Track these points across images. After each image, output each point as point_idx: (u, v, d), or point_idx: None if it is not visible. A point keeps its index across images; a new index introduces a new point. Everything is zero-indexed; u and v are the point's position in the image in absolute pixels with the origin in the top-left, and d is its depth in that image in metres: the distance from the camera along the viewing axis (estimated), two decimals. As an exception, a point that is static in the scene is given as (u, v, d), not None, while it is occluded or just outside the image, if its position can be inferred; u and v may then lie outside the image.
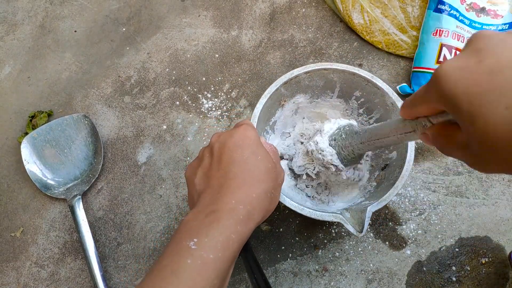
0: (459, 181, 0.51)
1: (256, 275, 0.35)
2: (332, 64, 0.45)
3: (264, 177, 0.32)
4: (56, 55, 0.63)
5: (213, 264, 0.26)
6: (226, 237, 0.27)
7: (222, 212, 0.29)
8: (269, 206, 0.33)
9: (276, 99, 0.47)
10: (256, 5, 0.64)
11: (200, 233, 0.27)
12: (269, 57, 0.60)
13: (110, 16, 0.65)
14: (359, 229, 0.36)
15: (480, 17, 0.54)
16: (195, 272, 0.25)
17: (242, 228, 0.29)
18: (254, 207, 0.30)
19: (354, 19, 0.58)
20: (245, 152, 0.32)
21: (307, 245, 0.49)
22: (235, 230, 0.28)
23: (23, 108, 0.59)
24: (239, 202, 0.30)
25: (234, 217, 0.29)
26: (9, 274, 0.50)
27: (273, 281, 0.47)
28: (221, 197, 0.30)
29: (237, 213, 0.29)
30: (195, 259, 0.26)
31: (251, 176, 0.31)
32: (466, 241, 0.48)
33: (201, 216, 0.29)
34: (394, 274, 0.47)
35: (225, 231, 0.28)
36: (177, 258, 0.26)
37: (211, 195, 0.31)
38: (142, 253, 0.50)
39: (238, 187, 0.31)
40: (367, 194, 0.45)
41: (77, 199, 0.51)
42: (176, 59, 0.61)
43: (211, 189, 0.31)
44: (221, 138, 0.34)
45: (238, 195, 0.30)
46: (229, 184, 0.31)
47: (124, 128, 0.57)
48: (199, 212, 0.29)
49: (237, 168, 0.32)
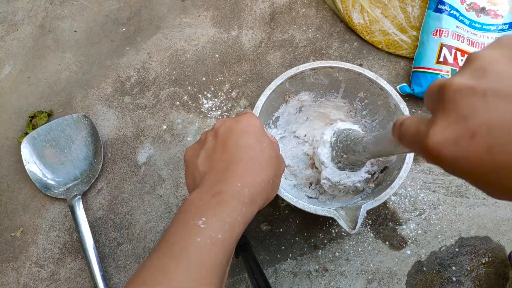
0: (459, 181, 0.51)
1: (256, 275, 0.35)
2: (337, 63, 0.45)
3: (268, 164, 0.32)
4: (56, 55, 0.63)
5: (221, 244, 0.26)
6: (233, 219, 0.28)
7: (228, 193, 0.29)
8: (270, 193, 0.33)
9: (281, 93, 0.47)
10: (256, 5, 0.64)
11: (208, 213, 0.27)
12: (269, 57, 0.60)
13: (110, 16, 0.65)
14: (352, 226, 0.36)
15: (480, 17, 0.54)
16: (205, 251, 0.25)
17: (247, 211, 0.29)
18: (258, 191, 0.31)
19: (354, 19, 0.58)
20: (250, 139, 0.33)
21: (307, 245, 0.49)
22: (240, 212, 0.29)
23: (23, 108, 0.59)
24: (244, 185, 0.30)
25: (240, 199, 0.29)
26: (9, 274, 0.50)
27: (273, 281, 0.47)
28: (226, 179, 0.30)
29: (243, 195, 0.29)
30: (204, 237, 0.26)
31: (256, 162, 0.32)
32: (466, 241, 0.48)
33: (206, 196, 0.29)
34: (394, 274, 0.47)
35: (232, 213, 0.28)
36: (186, 236, 0.26)
37: (216, 176, 0.31)
38: (142, 253, 0.50)
39: (244, 171, 0.31)
40: (364, 195, 0.45)
41: (77, 199, 0.51)
42: (176, 59, 0.61)
43: (216, 171, 0.32)
44: (226, 123, 0.34)
45: (244, 179, 0.30)
46: (234, 168, 0.31)
47: (124, 128, 0.57)
48: (204, 193, 0.30)
49: (243, 153, 0.32)
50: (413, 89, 0.53)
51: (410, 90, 0.53)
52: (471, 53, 0.21)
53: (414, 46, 0.57)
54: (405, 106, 0.43)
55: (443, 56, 0.52)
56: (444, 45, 0.53)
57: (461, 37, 0.53)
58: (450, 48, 0.52)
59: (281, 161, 0.35)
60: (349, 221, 0.37)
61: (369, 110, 0.48)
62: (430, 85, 0.22)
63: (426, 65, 0.53)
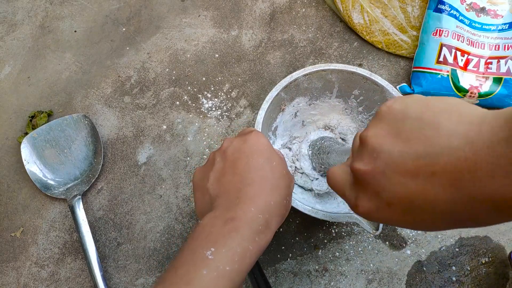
0: (459, 181, 0.51)
1: (256, 275, 0.35)
2: (330, 65, 0.45)
3: (280, 184, 0.31)
4: (56, 55, 0.63)
5: (229, 276, 0.25)
6: (243, 249, 0.27)
7: (241, 221, 0.28)
8: (284, 214, 0.32)
9: (277, 104, 0.47)
10: (256, 5, 0.64)
11: (218, 243, 0.26)
12: (269, 57, 0.60)
13: (110, 16, 0.65)
14: (374, 227, 0.36)
15: (480, 17, 0.54)
16: (211, 284, 0.25)
17: (260, 240, 0.28)
18: (271, 215, 0.30)
19: (354, 19, 0.58)
20: (260, 158, 0.32)
21: (307, 245, 0.49)
22: (253, 241, 0.27)
23: (23, 108, 0.59)
24: (258, 211, 0.29)
25: (253, 227, 0.28)
26: (9, 274, 0.50)
27: (273, 281, 0.47)
28: (239, 204, 0.29)
29: (256, 222, 0.28)
30: (211, 270, 0.25)
31: (268, 183, 0.31)
32: (466, 241, 0.48)
33: (218, 222, 0.28)
34: (394, 274, 0.47)
35: (243, 242, 0.27)
36: (193, 268, 0.25)
37: (228, 200, 0.30)
38: (142, 253, 0.50)
39: (257, 194, 0.30)
40: None
41: (77, 199, 0.51)
42: (176, 59, 0.61)
43: (227, 195, 0.31)
44: (234, 143, 0.34)
45: (257, 203, 0.29)
46: (247, 191, 0.30)
47: (124, 128, 0.57)
48: (216, 218, 0.29)
49: (254, 174, 0.31)
50: (413, 89, 0.53)
51: (410, 90, 0.53)
52: (361, 135, 0.25)
53: (414, 46, 0.57)
54: None
55: (443, 56, 0.52)
56: (444, 45, 0.53)
57: (461, 37, 0.53)
58: (450, 48, 0.52)
59: (291, 178, 0.34)
60: (370, 223, 0.37)
61: (365, 106, 0.48)
62: (336, 174, 0.28)
63: (426, 65, 0.53)
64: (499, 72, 0.52)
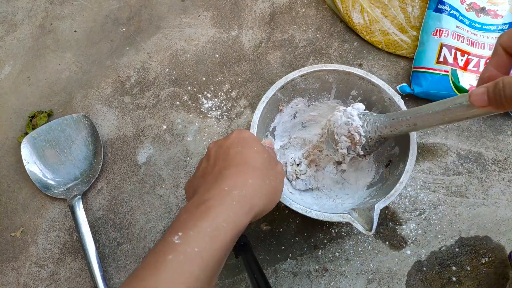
0: (459, 181, 0.51)
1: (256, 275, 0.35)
2: (326, 65, 0.45)
3: (261, 166, 0.31)
4: (56, 55, 0.63)
5: (199, 257, 0.25)
6: (215, 227, 0.26)
7: (213, 199, 0.27)
8: (272, 195, 0.31)
9: (274, 104, 0.47)
10: (256, 5, 0.64)
11: (186, 226, 0.26)
12: (269, 57, 0.60)
13: (110, 16, 0.65)
14: (368, 227, 0.36)
15: (480, 17, 0.54)
16: (177, 269, 0.24)
17: (236, 215, 0.27)
18: (251, 192, 0.29)
19: (354, 19, 0.58)
20: (239, 146, 0.32)
21: (307, 245, 0.49)
22: (226, 217, 0.26)
23: (23, 108, 0.59)
24: (233, 187, 0.28)
25: (227, 203, 0.27)
26: (9, 274, 0.50)
27: (273, 281, 0.47)
28: (214, 186, 0.29)
29: (230, 198, 0.27)
30: (178, 254, 0.24)
31: (246, 165, 0.30)
32: (466, 241, 0.48)
33: (192, 207, 0.28)
34: (394, 274, 0.47)
35: (215, 220, 0.26)
36: (159, 255, 0.25)
37: (207, 187, 0.30)
38: (142, 253, 0.50)
39: (233, 174, 0.29)
40: (373, 192, 0.45)
41: (77, 199, 0.51)
42: (176, 59, 0.61)
43: (207, 183, 0.30)
44: (217, 143, 0.34)
45: (232, 181, 0.29)
46: (224, 174, 0.30)
47: (124, 128, 0.57)
48: (191, 204, 0.28)
49: (232, 160, 0.31)
50: (413, 89, 0.53)
51: (410, 90, 0.53)
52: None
53: (414, 46, 0.57)
54: (400, 99, 0.44)
55: (443, 56, 0.52)
56: (444, 45, 0.53)
57: (461, 37, 0.53)
58: (450, 48, 0.52)
59: (276, 163, 0.34)
60: (364, 223, 0.36)
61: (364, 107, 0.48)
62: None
63: (426, 65, 0.53)
64: (499, 72, 0.52)
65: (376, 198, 0.41)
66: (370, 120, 0.40)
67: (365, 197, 0.45)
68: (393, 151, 0.45)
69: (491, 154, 0.52)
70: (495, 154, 0.52)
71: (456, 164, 0.52)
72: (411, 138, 0.41)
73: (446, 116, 0.33)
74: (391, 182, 0.42)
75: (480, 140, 0.53)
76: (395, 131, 0.38)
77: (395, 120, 0.38)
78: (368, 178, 0.48)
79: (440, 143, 0.53)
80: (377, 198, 0.41)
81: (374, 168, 0.48)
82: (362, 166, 0.49)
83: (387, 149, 0.46)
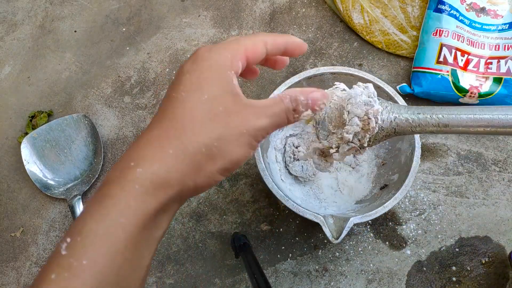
0: (459, 181, 0.51)
1: (256, 275, 0.35)
2: (360, 72, 0.45)
3: (204, 124, 0.22)
4: (56, 55, 0.63)
5: (88, 272, 0.19)
6: (109, 225, 0.19)
7: (111, 183, 0.20)
8: (207, 166, 0.22)
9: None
10: (256, 5, 0.64)
11: (76, 228, 0.20)
12: (269, 57, 0.60)
13: (110, 16, 0.65)
14: (336, 236, 0.36)
15: (480, 17, 0.54)
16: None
17: (140, 204, 0.20)
18: (167, 168, 0.21)
19: (354, 19, 0.58)
20: (182, 85, 0.23)
21: (307, 245, 0.49)
22: (125, 209, 0.20)
23: (23, 108, 0.59)
24: (139, 163, 0.21)
25: (126, 189, 0.20)
26: (9, 274, 0.50)
27: (273, 281, 0.47)
28: (123, 157, 0.22)
29: (132, 180, 0.20)
30: (62, 270, 0.19)
31: (179, 122, 0.22)
32: (466, 241, 0.48)
33: (94, 193, 0.21)
34: (394, 274, 0.47)
35: (108, 216, 0.19)
36: (43, 274, 0.19)
37: (122, 158, 0.22)
38: (142, 253, 0.50)
39: (150, 139, 0.22)
40: (358, 208, 0.45)
41: (77, 199, 0.51)
42: (176, 59, 0.61)
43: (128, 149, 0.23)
44: (187, 62, 0.25)
45: (143, 152, 0.21)
46: (141, 136, 0.22)
47: (124, 128, 0.57)
48: (97, 188, 0.23)
49: (162, 110, 0.23)
50: (413, 89, 0.53)
51: (410, 90, 0.53)
52: None
53: (414, 46, 0.57)
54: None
55: (443, 56, 0.52)
56: (444, 45, 0.53)
57: (461, 37, 0.53)
58: (450, 48, 0.52)
59: (236, 114, 0.23)
60: (334, 230, 0.37)
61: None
62: None
63: (426, 65, 0.53)
64: (499, 72, 0.52)
65: (357, 214, 0.41)
66: (387, 107, 0.33)
67: (349, 209, 0.46)
68: (392, 177, 0.45)
69: (491, 154, 0.52)
70: (495, 154, 0.52)
71: (456, 164, 0.52)
72: (412, 170, 0.41)
73: (495, 125, 0.29)
74: (377, 204, 0.42)
75: (480, 140, 0.53)
76: (417, 129, 0.32)
77: (421, 116, 0.32)
78: (361, 195, 0.48)
79: (440, 143, 0.53)
80: (358, 213, 0.41)
81: (370, 187, 0.48)
82: (361, 181, 0.49)
83: (388, 173, 0.47)
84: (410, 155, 0.43)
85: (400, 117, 0.33)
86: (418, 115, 0.32)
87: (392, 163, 0.47)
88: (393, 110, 0.33)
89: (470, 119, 0.30)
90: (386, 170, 0.47)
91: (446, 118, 0.31)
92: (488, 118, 0.29)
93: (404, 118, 0.32)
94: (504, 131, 0.29)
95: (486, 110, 0.30)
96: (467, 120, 0.30)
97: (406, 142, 0.45)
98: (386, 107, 0.33)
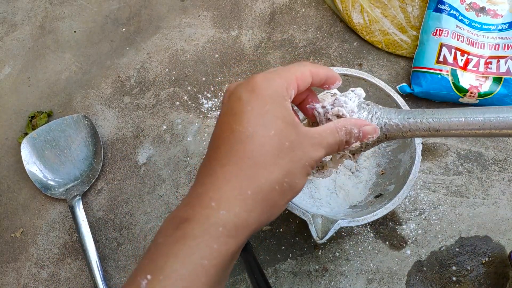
0: (459, 181, 0.51)
1: (256, 275, 0.35)
2: (372, 77, 0.44)
3: (275, 161, 0.22)
4: (56, 55, 0.63)
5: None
6: (192, 268, 0.19)
7: (193, 222, 0.20)
8: (279, 202, 0.23)
9: None
10: (256, 5, 0.64)
11: (156, 265, 0.20)
12: (269, 57, 0.60)
13: (110, 16, 0.65)
14: (321, 236, 0.36)
15: (480, 17, 0.54)
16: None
17: (223, 246, 0.20)
18: (247, 209, 0.21)
19: (354, 19, 0.58)
20: (245, 118, 0.22)
21: (307, 245, 0.49)
22: (208, 252, 0.20)
23: (23, 108, 0.59)
24: (221, 204, 0.21)
25: (210, 231, 0.20)
26: (9, 275, 0.50)
27: (273, 281, 0.47)
28: (199, 195, 0.22)
29: (216, 222, 0.20)
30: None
31: (251, 159, 0.21)
32: (466, 241, 0.48)
33: (170, 227, 0.21)
34: (394, 274, 0.47)
35: (192, 257, 0.20)
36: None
37: (193, 188, 0.22)
38: (142, 254, 0.50)
39: (228, 177, 0.21)
40: (349, 212, 0.46)
41: (77, 200, 0.51)
42: (176, 59, 0.61)
43: (197, 180, 0.23)
44: (230, 88, 0.24)
45: (222, 193, 0.21)
46: (213, 172, 0.22)
47: (124, 129, 0.57)
48: (171, 220, 0.22)
49: (228, 145, 0.22)
50: (413, 89, 0.53)
51: (410, 90, 0.53)
52: None
53: (414, 46, 0.57)
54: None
55: (443, 56, 0.52)
56: (444, 45, 0.53)
57: (461, 37, 0.53)
58: (450, 48, 0.52)
59: (298, 146, 0.23)
60: (320, 230, 0.37)
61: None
62: None
63: (426, 65, 0.53)
64: (499, 72, 0.52)
65: (347, 217, 0.41)
66: (377, 113, 0.33)
67: (341, 214, 0.46)
68: (389, 187, 0.46)
69: (491, 154, 0.52)
70: (495, 154, 0.52)
71: (456, 164, 0.52)
72: (407, 183, 0.41)
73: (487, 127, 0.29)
74: (368, 211, 0.42)
75: (480, 139, 0.53)
76: (408, 134, 0.32)
77: (411, 120, 0.31)
78: (356, 200, 0.48)
79: (440, 143, 0.53)
80: (347, 217, 0.41)
81: (366, 194, 0.48)
82: (358, 187, 0.49)
83: (386, 183, 0.47)
84: (409, 168, 0.43)
85: (390, 123, 0.32)
86: (408, 120, 0.32)
87: (391, 173, 0.47)
88: (383, 116, 0.33)
89: (461, 122, 0.30)
90: (384, 180, 0.47)
91: (437, 123, 0.31)
92: (480, 121, 0.29)
93: (394, 123, 0.32)
94: (498, 133, 0.29)
95: (477, 113, 0.29)
96: (458, 123, 0.30)
97: (407, 154, 0.45)
98: (375, 113, 0.33)
